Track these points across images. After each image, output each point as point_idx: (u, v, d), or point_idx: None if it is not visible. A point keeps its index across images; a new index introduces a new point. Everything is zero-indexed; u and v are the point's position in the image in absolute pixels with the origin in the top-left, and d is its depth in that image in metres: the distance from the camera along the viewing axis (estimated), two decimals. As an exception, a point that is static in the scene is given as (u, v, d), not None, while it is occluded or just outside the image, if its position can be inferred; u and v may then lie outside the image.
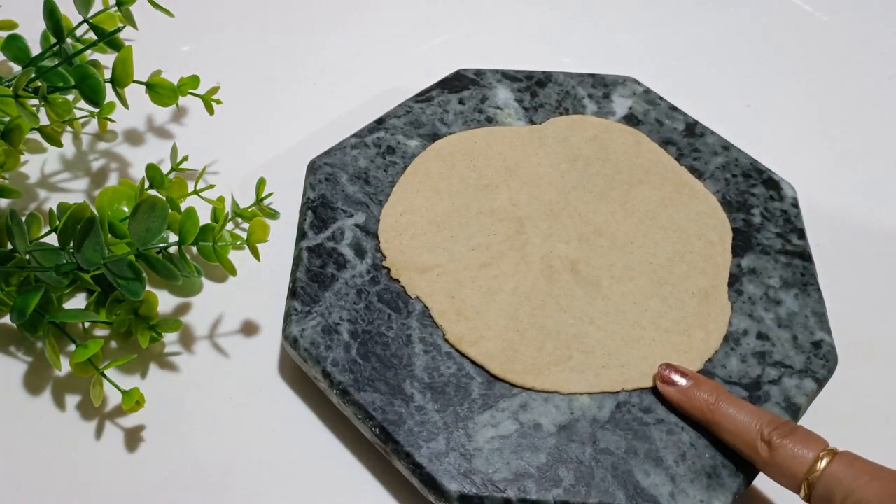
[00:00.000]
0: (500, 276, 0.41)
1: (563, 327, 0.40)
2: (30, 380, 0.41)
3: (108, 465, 0.38)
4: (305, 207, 0.44)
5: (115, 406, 0.40)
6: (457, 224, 0.43)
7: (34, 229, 0.41)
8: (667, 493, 0.35)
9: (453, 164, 0.46)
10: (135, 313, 0.40)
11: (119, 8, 0.43)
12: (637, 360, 0.39)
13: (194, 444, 0.39)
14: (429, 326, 0.40)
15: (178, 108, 0.53)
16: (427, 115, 0.49)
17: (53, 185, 0.49)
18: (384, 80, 0.56)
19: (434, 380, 0.38)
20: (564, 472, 0.35)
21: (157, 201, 0.35)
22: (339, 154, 0.46)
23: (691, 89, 0.56)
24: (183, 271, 0.37)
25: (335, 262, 0.41)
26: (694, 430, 0.36)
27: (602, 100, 0.50)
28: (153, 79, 0.46)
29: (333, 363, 0.38)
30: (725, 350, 0.39)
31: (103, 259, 0.35)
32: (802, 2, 0.65)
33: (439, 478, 0.34)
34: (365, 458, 0.39)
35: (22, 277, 0.39)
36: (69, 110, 0.39)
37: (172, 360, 0.42)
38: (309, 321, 0.39)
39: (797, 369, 0.39)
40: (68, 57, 0.40)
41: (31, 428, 0.39)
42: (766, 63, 0.60)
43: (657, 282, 0.42)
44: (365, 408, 0.36)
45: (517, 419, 0.37)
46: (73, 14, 0.43)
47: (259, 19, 0.60)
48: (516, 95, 0.50)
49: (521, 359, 0.38)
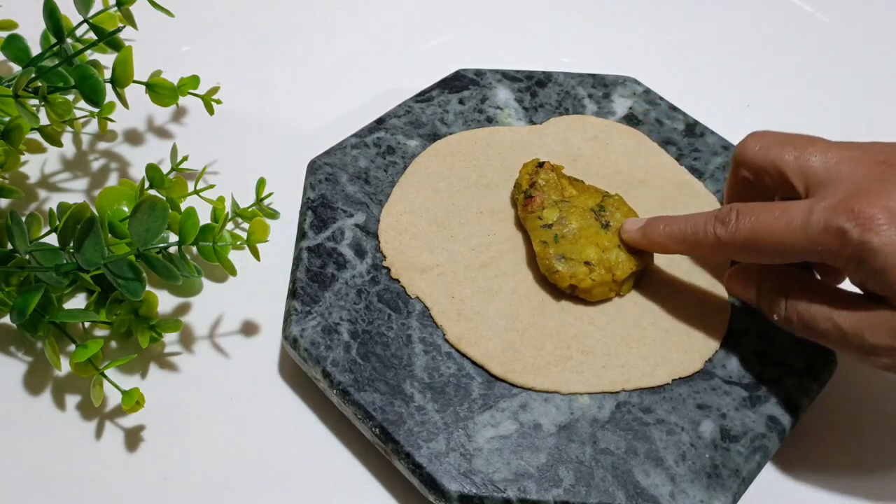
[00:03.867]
0: (500, 276, 0.41)
1: (563, 327, 0.40)
2: (30, 380, 0.41)
3: (108, 465, 0.38)
4: (305, 207, 0.44)
5: (115, 406, 0.40)
6: (457, 224, 0.43)
7: (34, 229, 0.41)
8: (667, 493, 0.35)
9: (453, 164, 0.46)
10: (135, 313, 0.40)
11: (119, 8, 0.43)
12: (637, 360, 0.39)
13: (194, 444, 0.39)
14: (429, 326, 0.40)
15: (178, 108, 0.53)
16: (427, 115, 0.49)
17: (53, 185, 0.49)
18: (384, 80, 0.56)
19: (434, 380, 0.38)
20: (564, 472, 0.35)
21: (157, 201, 0.35)
22: (339, 154, 0.46)
23: (691, 89, 0.56)
24: (183, 271, 0.37)
25: (335, 262, 0.41)
26: (694, 431, 0.37)
27: (602, 100, 0.50)
28: (153, 79, 0.46)
29: (333, 363, 0.38)
30: (725, 350, 0.39)
31: (103, 259, 0.35)
32: (802, 2, 0.65)
33: (439, 478, 0.34)
34: (365, 458, 0.39)
35: (22, 277, 0.39)
36: (69, 110, 0.39)
37: (172, 360, 0.42)
38: (309, 321, 0.39)
39: (797, 369, 0.39)
40: (68, 57, 0.40)
41: (31, 428, 0.39)
42: (766, 63, 0.60)
43: (657, 281, 0.42)
44: (365, 408, 0.36)
45: (517, 419, 0.37)
46: (73, 14, 0.43)
47: (259, 19, 0.60)
48: (516, 95, 0.50)
49: (521, 359, 0.38)
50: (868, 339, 0.31)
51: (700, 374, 0.39)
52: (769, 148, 0.36)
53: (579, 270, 0.39)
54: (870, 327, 0.31)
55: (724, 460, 0.36)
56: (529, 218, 0.42)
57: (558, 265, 0.39)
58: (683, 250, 0.38)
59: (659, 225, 0.39)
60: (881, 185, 0.31)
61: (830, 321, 0.33)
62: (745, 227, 0.34)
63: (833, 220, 0.31)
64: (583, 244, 0.40)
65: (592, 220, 0.41)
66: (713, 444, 0.36)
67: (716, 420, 0.37)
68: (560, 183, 0.43)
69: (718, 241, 0.35)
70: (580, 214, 0.41)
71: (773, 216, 0.33)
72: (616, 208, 0.42)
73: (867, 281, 0.32)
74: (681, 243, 0.37)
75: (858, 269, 0.31)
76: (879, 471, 0.39)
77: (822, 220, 0.32)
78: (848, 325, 0.32)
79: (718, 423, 0.37)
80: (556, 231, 0.40)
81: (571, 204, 0.42)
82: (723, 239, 0.35)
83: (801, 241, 0.32)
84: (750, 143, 0.37)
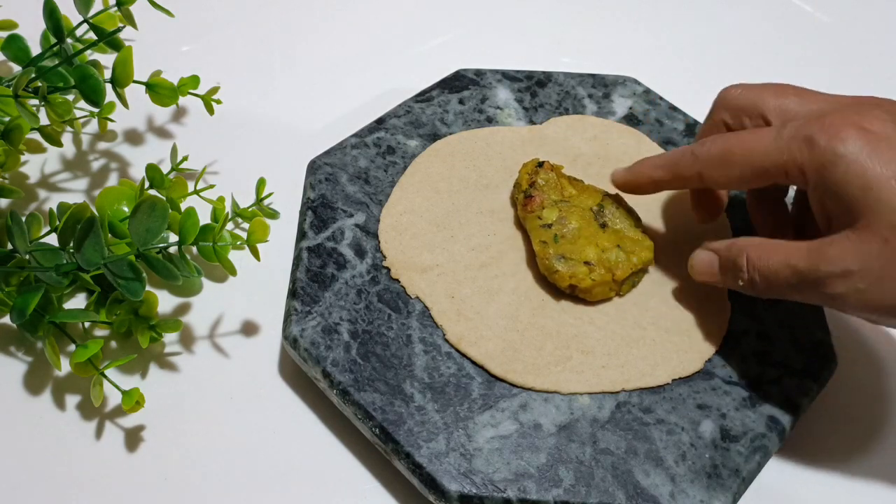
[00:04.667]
0: (500, 276, 0.41)
1: (563, 327, 0.40)
2: (30, 380, 0.41)
3: (108, 465, 0.38)
4: (305, 207, 0.44)
5: (115, 406, 0.40)
6: (457, 224, 0.43)
7: (34, 229, 0.41)
8: (667, 493, 0.35)
9: (453, 164, 0.46)
10: (135, 313, 0.40)
11: (119, 8, 0.43)
12: (637, 360, 0.39)
13: (194, 444, 0.39)
14: (429, 326, 0.40)
15: (178, 108, 0.53)
16: (427, 115, 0.49)
17: (53, 185, 0.49)
18: (384, 80, 0.56)
19: (434, 380, 0.38)
20: (564, 472, 0.35)
21: (157, 201, 0.35)
22: (339, 154, 0.46)
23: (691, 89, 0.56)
24: (183, 271, 0.37)
25: (335, 262, 0.41)
26: (694, 431, 0.37)
27: (602, 100, 0.50)
28: (153, 79, 0.46)
29: (333, 363, 0.38)
30: (725, 350, 0.39)
31: (103, 259, 0.35)
32: (802, 2, 0.65)
33: (439, 478, 0.34)
34: (365, 458, 0.39)
35: (22, 277, 0.39)
36: (69, 110, 0.39)
37: (172, 360, 0.42)
38: (309, 321, 0.39)
39: (797, 369, 0.39)
40: (68, 57, 0.40)
41: (31, 428, 0.39)
42: (766, 63, 0.60)
43: (657, 281, 0.42)
44: (365, 408, 0.36)
45: (517, 419, 0.37)
46: (73, 14, 0.43)
47: (259, 19, 0.60)
48: (516, 95, 0.50)
49: (521, 359, 0.38)
50: (822, 268, 0.32)
51: (700, 374, 0.39)
52: (750, 90, 0.38)
53: (579, 270, 0.39)
54: (823, 257, 0.32)
55: (724, 460, 0.36)
56: (529, 218, 0.42)
57: (558, 265, 0.39)
58: (664, 175, 0.39)
59: (645, 160, 0.41)
60: (857, 109, 0.33)
61: (788, 266, 0.34)
62: (719, 143, 0.36)
63: (803, 129, 0.33)
64: (582, 244, 0.40)
65: (592, 220, 0.41)
66: (713, 444, 0.36)
67: (716, 420, 0.37)
68: (559, 182, 0.43)
69: (695, 157, 0.37)
70: (579, 214, 0.41)
71: (748, 133, 0.36)
72: (615, 208, 0.42)
73: (827, 197, 0.33)
74: (661, 168, 0.39)
75: (820, 181, 0.32)
76: (879, 471, 0.39)
77: (792, 130, 0.33)
78: (804, 264, 0.33)
79: (718, 423, 0.37)
80: (555, 231, 0.40)
81: (571, 204, 0.42)
82: (698, 154, 0.37)
83: (771, 151, 0.34)
84: (731, 88, 0.39)
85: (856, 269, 0.31)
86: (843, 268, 0.32)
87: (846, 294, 0.32)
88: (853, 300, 0.32)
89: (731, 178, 0.36)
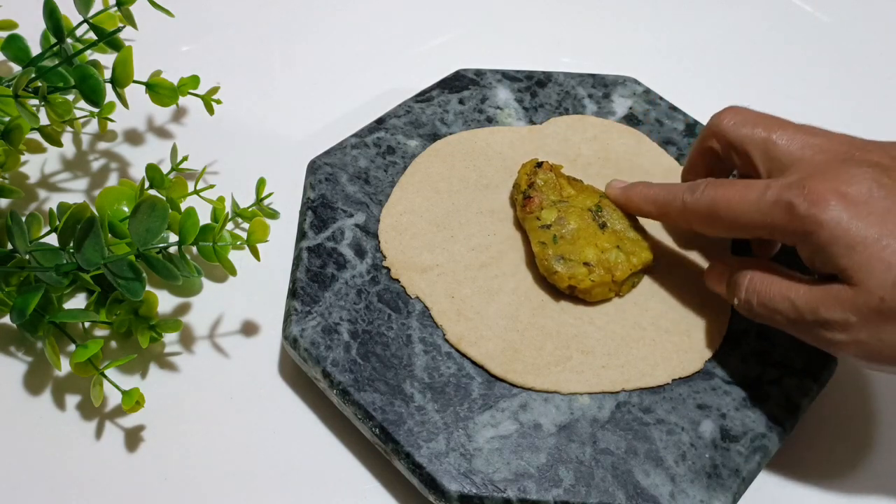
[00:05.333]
0: (500, 276, 0.41)
1: (563, 327, 0.40)
2: (30, 380, 0.41)
3: (108, 465, 0.38)
4: (305, 207, 0.44)
5: (115, 406, 0.40)
6: (457, 224, 0.43)
7: (34, 229, 0.41)
8: (667, 493, 0.35)
9: (453, 164, 0.46)
10: (135, 313, 0.40)
11: (119, 8, 0.43)
12: (637, 360, 0.39)
13: (194, 444, 0.39)
14: (429, 326, 0.40)
15: (178, 108, 0.53)
16: (427, 115, 0.49)
17: (53, 185, 0.49)
18: (384, 80, 0.56)
19: (434, 380, 0.38)
20: (564, 472, 0.35)
21: (157, 201, 0.35)
22: (339, 154, 0.46)
23: (691, 89, 0.56)
24: (183, 271, 0.37)
25: (335, 262, 0.42)
26: (694, 431, 0.37)
27: (602, 100, 0.50)
28: (153, 79, 0.46)
29: (333, 363, 0.38)
30: (725, 350, 0.39)
31: (103, 259, 0.35)
32: (802, 2, 0.65)
33: (439, 478, 0.34)
34: (365, 458, 0.39)
35: (22, 277, 0.39)
36: (69, 110, 0.39)
37: (172, 360, 0.42)
38: (309, 321, 0.39)
39: (797, 369, 0.39)
40: (68, 57, 0.40)
41: (31, 428, 0.39)
42: (766, 63, 0.60)
43: (657, 281, 0.42)
44: (365, 408, 0.36)
45: (517, 419, 0.37)
46: (73, 14, 0.43)
47: (259, 19, 0.60)
48: (516, 95, 0.50)
49: (521, 359, 0.38)
50: (822, 313, 0.32)
51: (700, 374, 0.39)
52: (742, 125, 0.38)
53: (578, 271, 0.39)
54: (823, 302, 0.32)
55: (724, 460, 0.36)
56: (528, 218, 0.42)
57: (557, 266, 0.39)
58: (653, 211, 0.40)
59: (639, 187, 0.41)
60: (837, 170, 0.33)
61: (787, 300, 0.34)
62: (708, 195, 0.36)
63: (784, 194, 0.33)
64: (581, 245, 0.40)
65: (591, 221, 0.41)
66: (713, 444, 0.36)
67: (716, 420, 0.37)
68: (558, 183, 0.43)
69: (684, 206, 0.37)
70: (578, 215, 0.41)
71: (734, 188, 0.35)
72: (613, 208, 0.42)
73: (815, 257, 0.33)
74: (652, 204, 0.40)
75: (805, 244, 0.33)
76: (879, 471, 0.39)
77: (774, 194, 0.33)
78: (803, 302, 0.33)
79: (718, 423, 0.37)
80: (554, 231, 0.40)
81: (570, 204, 0.42)
82: (688, 204, 0.37)
83: (754, 213, 0.34)
84: (725, 116, 0.39)
85: (854, 322, 0.32)
86: (843, 318, 0.32)
87: (846, 343, 0.32)
88: (853, 350, 0.32)
89: (718, 230, 0.37)
